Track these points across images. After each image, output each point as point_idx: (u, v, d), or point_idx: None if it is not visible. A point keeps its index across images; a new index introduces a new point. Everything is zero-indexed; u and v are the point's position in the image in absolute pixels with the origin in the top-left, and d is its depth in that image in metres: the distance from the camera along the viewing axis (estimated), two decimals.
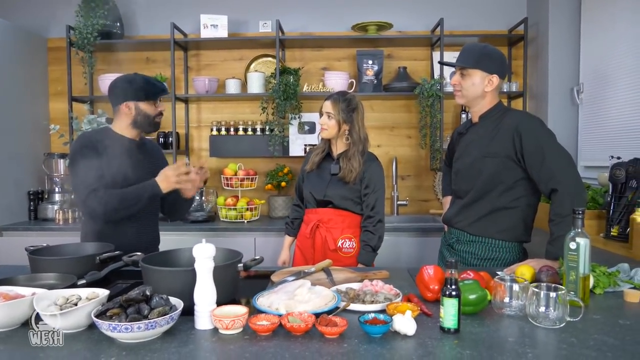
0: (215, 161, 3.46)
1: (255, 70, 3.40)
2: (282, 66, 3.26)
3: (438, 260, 2.13)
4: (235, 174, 3.21)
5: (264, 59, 3.50)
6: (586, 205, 1.98)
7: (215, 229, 3.00)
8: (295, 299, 1.28)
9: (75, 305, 1.15)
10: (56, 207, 3.17)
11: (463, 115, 3.32)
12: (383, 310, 1.26)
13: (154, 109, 1.93)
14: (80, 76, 3.36)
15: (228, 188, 3.24)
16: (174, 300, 1.18)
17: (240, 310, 1.19)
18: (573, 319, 1.20)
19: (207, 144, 3.39)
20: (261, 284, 1.56)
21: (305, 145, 3.28)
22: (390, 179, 3.34)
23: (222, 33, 3.25)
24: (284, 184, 3.35)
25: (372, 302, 1.31)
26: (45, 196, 3.32)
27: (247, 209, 3.13)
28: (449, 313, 1.13)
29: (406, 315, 1.13)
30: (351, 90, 3.21)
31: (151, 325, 1.06)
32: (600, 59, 2.81)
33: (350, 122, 2.15)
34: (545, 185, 1.73)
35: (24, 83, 3.29)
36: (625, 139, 2.55)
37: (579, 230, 1.33)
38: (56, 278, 1.40)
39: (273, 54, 3.39)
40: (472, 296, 1.25)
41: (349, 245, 2.17)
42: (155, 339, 1.10)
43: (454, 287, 1.14)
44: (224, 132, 3.32)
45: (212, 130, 3.34)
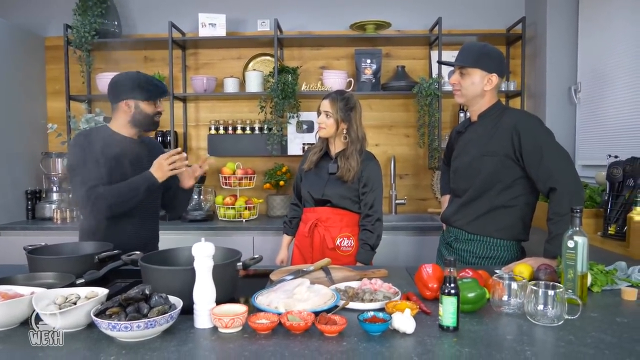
0: (213, 160, 3.45)
1: (254, 69, 3.40)
2: (281, 65, 3.26)
3: (436, 259, 2.13)
4: (234, 173, 3.21)
5: (262, 58, 3.50)
6: (584, 204, 1.98)
7: (213, 228, 3.00)
8: (295, 298, 1.28)
9: (75, 304, 1.15)
10: (54, 207, 3.17)
11: (461, 114, 3.32)
12: (382, 309, 1.26)
13: (153, 108, 1.93)
14: (78, 75, 3.35)
15: (226, 187, 3.24)
16: (173, 299, 1.18)
17: (240, 308, 1.19)
18: (571, 317, 1.20)
19: (206, 143, 3.39)
20: (260, 282, 1.57)
21: (304, 144, 3.28)
22: (389, 177, 3.34)
23: (221, 32, 3.24)
24: (282, 183, 3.35)
25: (371, 301, 1.32)
26: (43, 195, 3.31)
27: (246, 208, 3.13)
28: (447, 311, 1.14)
29: (405, 313, 1.13)
30: (349, 89, 3.21)
31: (150, 324, 1.06)
32: (597, 58, 2.82)
33: (348, 121, 2.15)
34: (544, 184, 1.74)
35: (21, 82, 3.28)
36: (623, 137, 2.56)
37: (577, 228, 1.34)
38: (55, 277, 1.40)
39: (271, 52, 3.39)
40: (471, 294, 1.25)
41: (347, 243, 2.18)
42: (154, 338, 1.10)
43: (452, 286, 1.14)
44: (222, 131, 3.32)
45: (211, 129, 3.34)
